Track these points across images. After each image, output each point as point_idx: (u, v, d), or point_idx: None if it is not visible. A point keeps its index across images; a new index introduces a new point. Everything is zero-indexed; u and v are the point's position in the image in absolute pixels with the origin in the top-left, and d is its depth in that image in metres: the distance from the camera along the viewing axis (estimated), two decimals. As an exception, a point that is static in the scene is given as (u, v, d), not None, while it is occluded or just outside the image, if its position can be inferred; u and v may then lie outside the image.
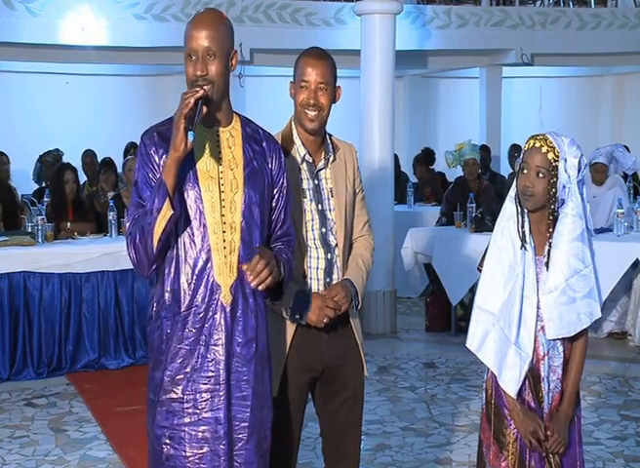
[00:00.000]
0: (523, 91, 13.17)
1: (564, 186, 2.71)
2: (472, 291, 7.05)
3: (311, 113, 2.95)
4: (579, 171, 2.72)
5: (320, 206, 2.99)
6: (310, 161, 3.02)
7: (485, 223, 7.09)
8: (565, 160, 2.69)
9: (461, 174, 8.19)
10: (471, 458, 4.44)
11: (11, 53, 9.43)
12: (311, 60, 2.99)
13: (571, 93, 13.50)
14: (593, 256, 2.78)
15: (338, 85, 3.03)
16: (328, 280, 2.99)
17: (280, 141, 2.89)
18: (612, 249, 6.53)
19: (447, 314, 7.42)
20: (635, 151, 10.33)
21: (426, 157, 10.61)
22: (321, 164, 3.03)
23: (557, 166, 2.69)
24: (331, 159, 3.04)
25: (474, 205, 7.41)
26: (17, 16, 8.85)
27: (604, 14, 11.53)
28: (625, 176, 8.86)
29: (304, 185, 2.99)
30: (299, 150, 3.00)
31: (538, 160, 2.70)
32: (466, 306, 7.25)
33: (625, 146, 10.02)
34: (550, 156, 2.69)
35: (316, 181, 3.01)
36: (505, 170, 11.01)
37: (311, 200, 2.99)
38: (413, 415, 5.26)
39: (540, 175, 2.70)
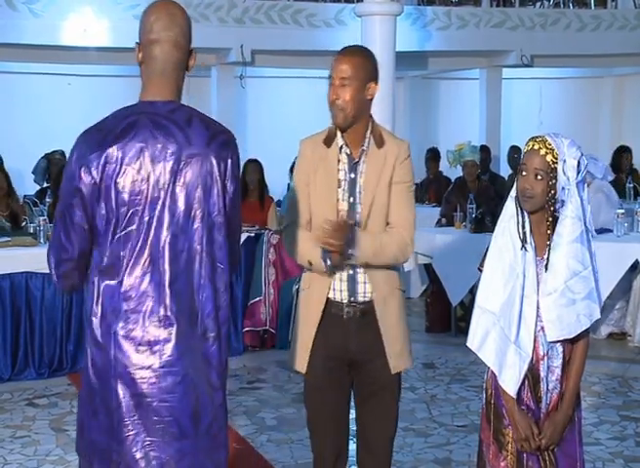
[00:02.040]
0: (523, 92, 13.20)
1: (563, 188, 2.72)
2: (472, 291, 7.07)
3: (334, 110, 3.04)
4: (578, 172, 2.73)
5: (352, 199, 3.09)
6: (348, 153, 3.10)
7: (485, 224, 7.11)
8: (564, 162, 2.70)
9: (461, 174, 8.21)
10: (471, 458, 4.46)
11: (13, 54, 9.48)
12: (338, 56, 3.07)
13: (571, 94, 13.52)
14: (593, 257, 2.78)
15: (372, 82, 3.05)
16: (351, 272, 3.10)
17: (327, 134, 3.11)
18: (611, 249, 6.54)
19: (447, 315, 7.44)
20: (635, 152, 10.35)
21: (436, 154, 10.55)
22: (357, 157, 3.10)
23: (556, 168, 2.70)
24: (366, 152, 3.09)
25: (474, 206, 7.43)
26: (19, 17, 8.90)
27: (604, 15, 11.57)
28: (626, 177, 8.88)
29: (341, 176, 3.10)
30: (337, 140, 3.11)
31: (536, 162, 2.72)
32: (466, 307, 7.27)
33: (627, 147, 10.03)
34: (549, 158, 2.70)
35: (353, 175, 3.10)
36: (505, 170, 11.04)
37: (345, 191, 3.09)
38: (413, 416, 5.28)
39: (539, 177, 2.71)
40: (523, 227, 2.75)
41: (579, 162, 2.71)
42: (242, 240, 6.72)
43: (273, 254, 6.77)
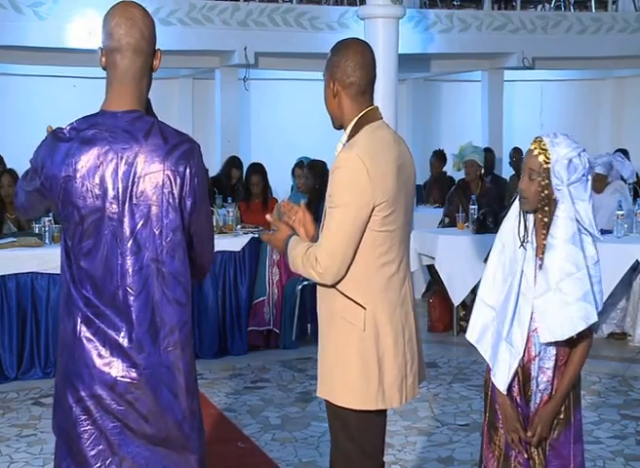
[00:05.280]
0: (524, 94, 13.25)
1: (559, 189, 2.73)
2: (474, 291, 7.11)
3: None
4: (575, 172, 2.70)
5: None
6: None
7: (487, 225, 7.16)
8: (557, 161, 2.70)
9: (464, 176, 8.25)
10: (472, 457, 4.50)
11: (18, 56, 9.51)
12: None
13: (571, 96, 13.57)
14: (595, 259, 2.75)
15: (330, 79, 2.88)
16: None
17: None
18: (612, 250, 6.58)
19: (449, 315, 7.49)
20: (635, 154, 10.40)
21: (441, 156, 10.54)
22: None
23: (548, 168, 2.71)
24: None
25: (476, 207, 7.47)
26: (24, 19, 8.94)
27: (604, 18, 11.62)
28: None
29: None
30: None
31: (530, 163, 2.74)
32: (468, 307, 7.33)
33: (625, 150, 10.12)
34: (541, 159, 2.72)
35: None
36: (508, 172, 11.08)
37: None
38: (415, 414, 5.32)
39: (532, 177, 2.74)
40: (525, 227, 2.77)
41: (570, 161, 2.70)
42: (246, 241, 6.82)
43: (277, 255, 6.81)
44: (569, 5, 12.11)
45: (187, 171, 2.34)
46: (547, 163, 2.72)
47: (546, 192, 2.72)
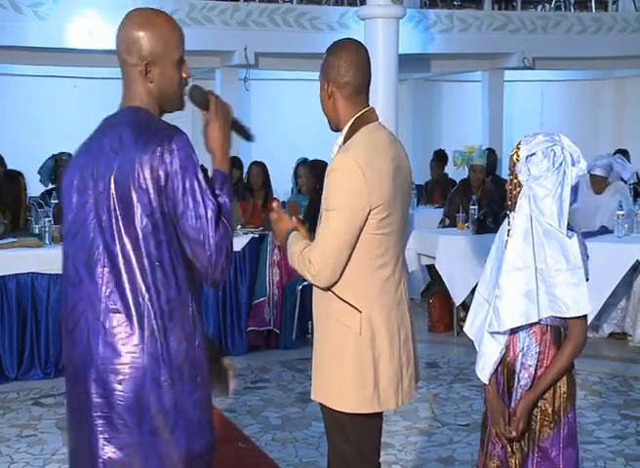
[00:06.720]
0: (525, 94, 13.25)
1: (523, 185, 2.77)
2: (474, 291, 7.11)
3: None
4: (537, 166, 2.72)
5: None
6: None
7: (487, 225, 7.16)
8: (522, 158, 2.75)
9: (467, 175, 8.26)
10: (473, 457, 4.49)
11: (18, 56, 9.52)
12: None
13: (572, 96, 13.58)
14: (561, 266, 2.71)
15: (325, 82, 2.84)
16: None
17: None
18: (612, 250, 6.60)
19: (449, 315, 7.49)
20: (635, 154, 10.40)
21: (441, 156, 10.53)
22: None
23: (517, 165, 2.77)
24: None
25: (476, 207, 7.48)
26: (24, 19, 8.95)
27: (605, 18, 11.64)
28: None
29: None
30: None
31: (509, 163, 2.82)
32: (468, 307, 7.33)
33: (625, 150, 10.12)
34: (514, 157, 2.78)
35: None
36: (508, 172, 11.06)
37: None
38: (416, 415, 5.32)
39: (510, 177, 2.81)
40: (509, 224, 2.81)
41: (532, 155, 2.71)
42: (246, 241, 6.82)
43: (277, 255, 6.82)
44: (569, 5, 12.12)
45: (164, 158, 2.31)
46: (518, 160, 2.76)
47: (518, 189, 2.76)
